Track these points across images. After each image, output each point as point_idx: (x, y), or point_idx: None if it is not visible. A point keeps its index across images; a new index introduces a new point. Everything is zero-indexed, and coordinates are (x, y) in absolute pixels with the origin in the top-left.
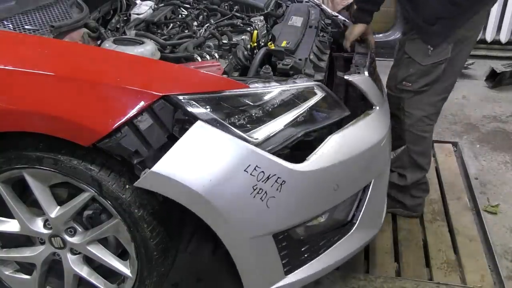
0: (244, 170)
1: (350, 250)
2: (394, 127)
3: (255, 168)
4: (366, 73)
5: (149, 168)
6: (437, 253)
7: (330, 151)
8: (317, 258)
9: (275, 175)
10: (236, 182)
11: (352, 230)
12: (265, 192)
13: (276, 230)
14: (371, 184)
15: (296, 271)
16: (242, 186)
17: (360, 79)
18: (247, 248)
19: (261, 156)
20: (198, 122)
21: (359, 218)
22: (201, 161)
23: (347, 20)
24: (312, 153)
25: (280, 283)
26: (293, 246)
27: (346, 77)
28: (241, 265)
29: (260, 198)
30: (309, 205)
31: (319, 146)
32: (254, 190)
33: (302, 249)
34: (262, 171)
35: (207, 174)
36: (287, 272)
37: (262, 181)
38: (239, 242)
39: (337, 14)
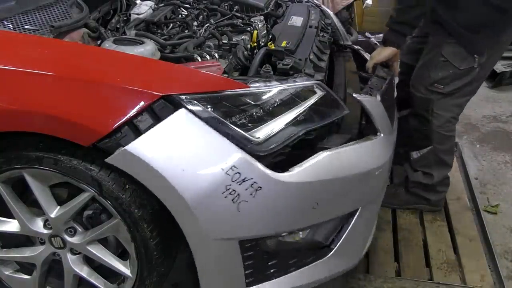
0: (220, 168)
1: (322, 276)
2: (420, 128)
3: (231, 168)
4: (379, 97)
5: (123, 147)
6: (437, 253)
7: (316, 166)
8: (284, 276)
9: (251, 179)
10: (209, 177)
11: (328, 255)
12: (238, 194)
13: (244, 237)
14: (357, 212)
15: (259, 285)
16: (215, 183)
17: (370, 101)
18: (210, 250)
19: (240, 157)
20: (182, 110)
21: (338, 245)
22: (177, 149)
23: (378, 44)
24: (297, 165)
25: None
26: (260, 258)
27: (355, 95)
28: (201, 266)
29: (232, 200)
30: (284, 218)
31: (306, 160)
32: (227, 190)
33: (269, 263)
34: (239, 172)
35: (181, 163)
36: (248, 284)
37: (237, 183)
38: (202, 241)
39: (370, 36)
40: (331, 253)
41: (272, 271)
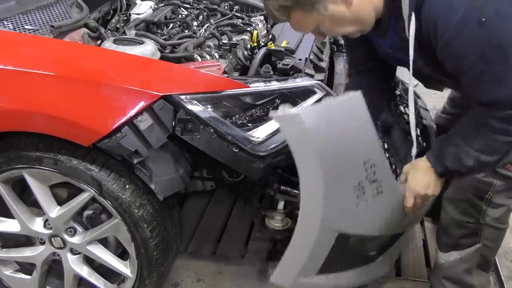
0: (363, 161)
1: (362, 280)
2: (464, 222)
3: (372, 166)
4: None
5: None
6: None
7: None
8: (342, 272)
9: (380, 181)
10: (351, 168)
11: (374, 262)
12: (364, 192)
13: (346, 233)
14: (404, 233)
15: (324, 275)
16: (352, 176)
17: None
18: (313, 234)
19: (382, 159)
20: (359, 94)
21: (384, 254)
22: (340, 129)
23: None
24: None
25: (306, 279)
26: (341, 252)
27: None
28: (294, 245)
29: (357, 196)
30: (382, 224)
31: None
32: (359, 185)
33: (343, 258)
34: (374, 171)
35: (337, 143)
36: (318, 272)
37: (369, 181)
38: (311, 225)
39: None
40: (377, 259)
41: (339, 265)
